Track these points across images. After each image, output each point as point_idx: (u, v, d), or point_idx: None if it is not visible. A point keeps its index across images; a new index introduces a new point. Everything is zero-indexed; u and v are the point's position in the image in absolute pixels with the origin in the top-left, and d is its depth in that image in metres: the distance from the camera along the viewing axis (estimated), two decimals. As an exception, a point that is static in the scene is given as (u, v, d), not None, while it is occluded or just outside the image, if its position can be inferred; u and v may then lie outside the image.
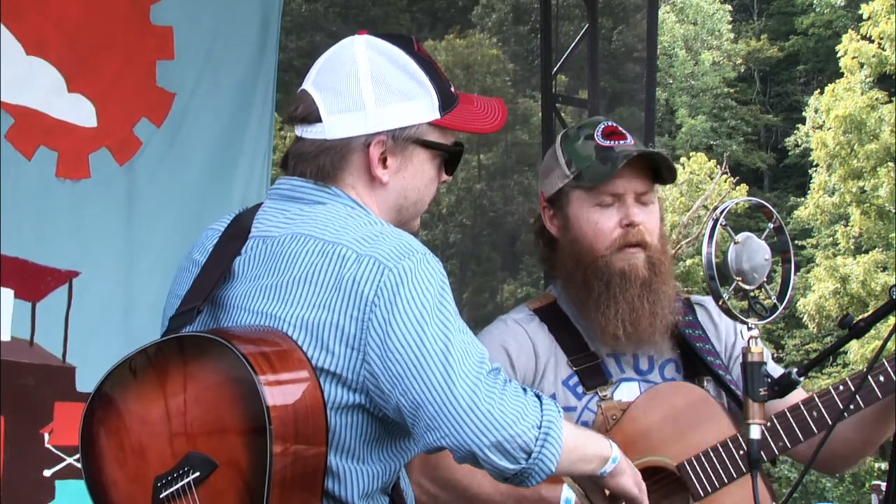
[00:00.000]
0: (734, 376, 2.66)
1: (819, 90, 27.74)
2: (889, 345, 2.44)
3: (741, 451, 2.52)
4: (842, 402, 2.51)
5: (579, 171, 2.64)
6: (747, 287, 2.25)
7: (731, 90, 35.08)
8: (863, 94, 24.81)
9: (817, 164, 26.45)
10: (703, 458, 2.54)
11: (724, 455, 2.53)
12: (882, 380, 2.51)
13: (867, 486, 20.92)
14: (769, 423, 2.48)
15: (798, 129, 30.57)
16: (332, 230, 2.00)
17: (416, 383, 1.89)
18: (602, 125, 2.69)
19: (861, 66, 25.22)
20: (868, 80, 25.28)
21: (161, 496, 1.87)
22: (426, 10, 23.15)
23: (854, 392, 2.47)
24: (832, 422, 2.47)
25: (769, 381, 2.26)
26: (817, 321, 24.79)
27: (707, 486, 2.53)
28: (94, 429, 1.95)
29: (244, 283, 2.03)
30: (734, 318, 2.27)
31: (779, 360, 23.77)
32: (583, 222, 2.64)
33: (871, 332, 4.48)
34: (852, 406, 2.47)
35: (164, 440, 1.88)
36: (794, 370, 2.31)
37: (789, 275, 2.31)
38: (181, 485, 1.86)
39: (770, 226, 2.34)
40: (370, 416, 1.97)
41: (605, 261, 2.60)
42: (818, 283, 24.82)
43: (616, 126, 2.69)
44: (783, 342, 27.63)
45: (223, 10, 4.59)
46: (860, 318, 2.36)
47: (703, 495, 2.52)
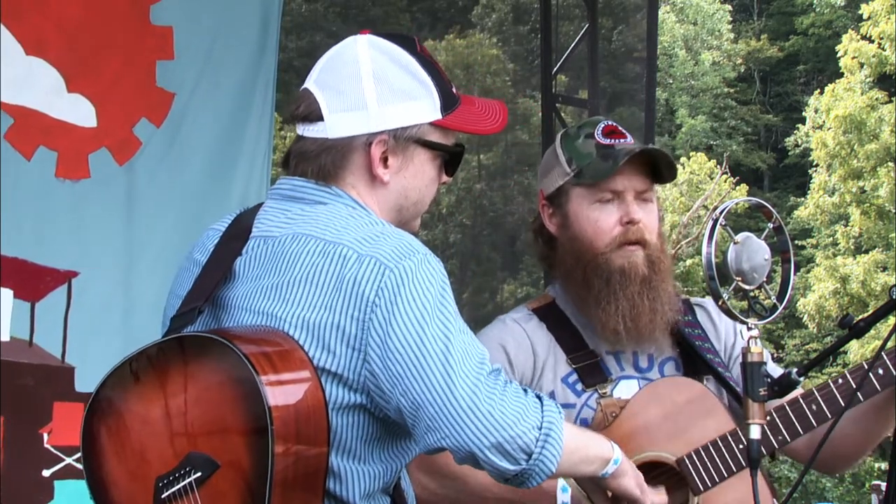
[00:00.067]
0: (734, 376, 2.66)
1: (819, 90, 27.74)
2: (889, 345, 2.44)
3: (741, 446, 2.52)
4: (841, 396, 2.51)
5: (580, 169, 2.65)
6: (747, 287, 2.24)
7: (731, 90, 35.08)
8: (863, 94, 24.82)
9: (817, 164, 26.45)
10: (702, 452, 2.54)
11: (723, 449, 2.53)
12: (881, 372, 2.51)
13: (867, 486, 20.93)
14: (768, 417, 2.48)
15: (798, 129, 30.57)
16: (334, 230, 2.00)
17: (417, 384, 1.89)
18: (602, 124, 2.69)
19: (861, 66, 25.22)
20: (868, 80, 25.28)
21: (163, 496, 1.87)
22: (426, 10, 23.17)
23: (856, 390, 2.47)
24: (831, 416, 2.48)
25: (769, 381, 2.26)
26: (817, 321, 24.80)
27: (707, 481, 2.53)
28: (96, 429, 1.95)
29: (245, 283, 2.03)
30: (734, 318, 2.27)
31: (779, 360, 23.78)
32: (583, 219, 2.64)
33: (871, 332, 4.47)
34: (845, 404, 2.47)
35: (166, 440, 1.88)
36: (794, 370, 2.31)
37: (789, 275, 2.31)
38: (183, 485, 1.86)
39: (770, 226, 2.34)
40: (371, 417, 1.97)
41: (604, 258, 2.61)
42: (818, 283, 24.83)
43: (616, 125, 2.70)
44: (783, 342, 27.62)
45: (223, 10, 4.59)
46: (860, 318, 2.36)
47: (702, 489, 2.52)
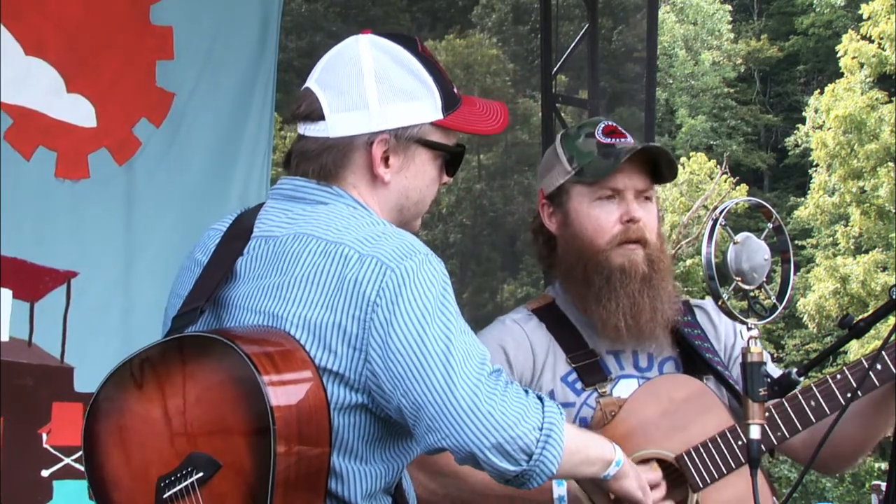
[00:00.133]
0: (734, 376, 2.66)
1: (819, 90, 27.75)
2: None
3: (740, 442, 2.52)
4: (839, 392, 2.50)
5: (581, 167, 2.65)
6: (747, 287, 2.24)
7: (731, 90, 35.08)
8: (863, 94, 24.82)
9: (817, 164, 26.45)
10: (701, 449, 2.53)
11: (722, 446, 2.53)
12: (879, 367, 2.51)
13: (867, 486, 20.93)
14: (767, 414, 2.48)
15: (798, 129, 30.57)
16: (335, 230, 1.99)
17: (417, 384, 1.89)
18: (602, 124, 2.70)
19: (861, 66, 25.23)
20: (868, 80, 25.28)
21: (164, 496, 1.87)
22: (426, 10, 23.19)
23: (856, 388, 2.47)
24: (830, 412, 2.48)
25: (769, 381, 2.26)
26: (817, 321, 24.79)
27: (706, 478, 2.52)
28: (97, 429, 1.95)
29: (247, 282, 2.03)
30: (734, 318, 2.26)
31: (779, 360, 23.78)
32: (583, 217, 2.64)
33: (871, 332, 4.47)
34: (850, 395, 2.47)
35: (167, 440, 1.88)
36: (794, 370, 2.32)
37: (789, 275, 2.31)
38: (184, 485, 1.86)
39: (769, 226, 2.34)
40: (373, 417, 1.97)
41: (604, 255, 2.61)
42: (818, 283, 24.83)
43: (616, 126, 2.71)
44: (783, 342, 27.62)
45: (223, 10, 4.59)
46: (860, 318, 2.37)
47: (702, 486, 2.52)
